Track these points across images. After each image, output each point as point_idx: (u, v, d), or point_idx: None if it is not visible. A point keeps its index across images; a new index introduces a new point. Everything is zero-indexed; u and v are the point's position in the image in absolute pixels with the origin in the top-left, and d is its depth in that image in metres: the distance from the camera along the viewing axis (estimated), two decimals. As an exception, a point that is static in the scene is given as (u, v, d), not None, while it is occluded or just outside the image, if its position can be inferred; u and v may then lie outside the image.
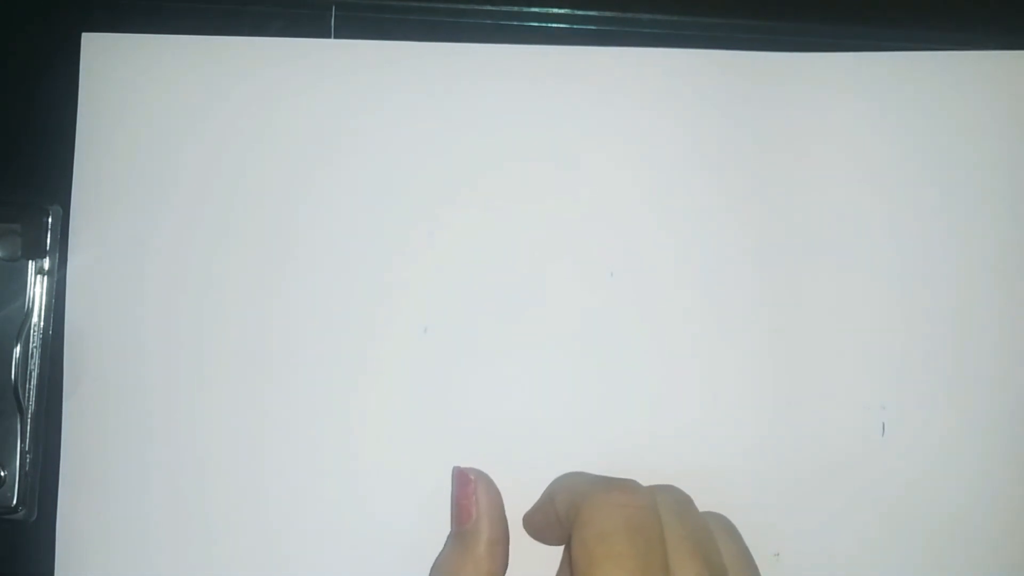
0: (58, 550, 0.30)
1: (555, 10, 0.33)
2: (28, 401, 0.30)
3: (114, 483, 0.30)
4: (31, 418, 0.30)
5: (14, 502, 0.30)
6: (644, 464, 0.30)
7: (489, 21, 0.33)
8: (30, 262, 0.30)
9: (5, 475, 0.30)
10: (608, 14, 0.33)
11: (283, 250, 0.31)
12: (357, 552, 0.30)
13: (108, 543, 0.30)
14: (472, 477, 0.27)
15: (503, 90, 0.31)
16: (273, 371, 0.30)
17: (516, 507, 0.28)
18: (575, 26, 0.33)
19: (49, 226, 0.30)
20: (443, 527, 0.29)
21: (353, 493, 0.30)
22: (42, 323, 0.30)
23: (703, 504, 0.26)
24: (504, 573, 0.26)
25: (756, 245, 0.31)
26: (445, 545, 0.28)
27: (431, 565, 0.28)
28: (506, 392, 0.30)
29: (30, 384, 0.30)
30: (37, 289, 0.30)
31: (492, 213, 0.31)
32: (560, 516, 0.26)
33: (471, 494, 0.27)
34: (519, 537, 0.29)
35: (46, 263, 0.30)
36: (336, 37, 0.32)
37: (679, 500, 0.25)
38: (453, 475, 0.28)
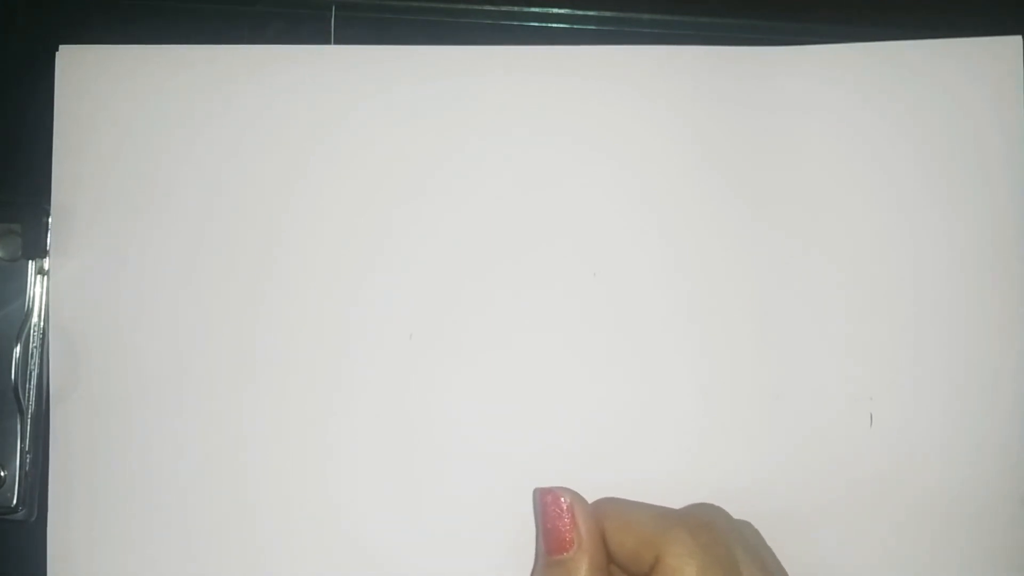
0: (50, 551, 0.30)
1: (555, 10, 0.33)
2: (28, 401, 0.30)
3: (103, 485, 0.30)
4: (31, 418, 0.30)
5: (14, 502, 0.30)
6: (634, 464, 0.30)
7: (489, 22, 0.33)
8: (30, 262, 0.30)
9: (5, 475, 0.30)
10: (608, 14, 0.33)
11: (271, 256, 0.30)
12: (341, 558, 0.29)
13: (98, 544, 0.30)
14: (566, 501, 0.25)
15: (502, 91, 0.31)
16: (259, 376, 0.30)
17: (503, 511, 0.28)
18: (575, 26, 0.33)
19: (49, 226, 0.30)
20: (429, 531, 0.29)
21: (339, 498, 0.30)
22: (42, 323, 0.30)
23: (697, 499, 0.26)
24: None
25: (742, 239, 0.31)
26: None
27: None
28: (492, 397, 0.30)
29: (30, 384, 0.30)
30: (37, 289, 0.30)
31: (480, 217, 0.31)
32: (619, 551, 0.25)
33: (567, 519, 0.25)
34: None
35: (46, 263, 0.31)
36: (336, 40, 0.32)
37: (732, 522, 0.25)
38: (539, 499, 0.26)
